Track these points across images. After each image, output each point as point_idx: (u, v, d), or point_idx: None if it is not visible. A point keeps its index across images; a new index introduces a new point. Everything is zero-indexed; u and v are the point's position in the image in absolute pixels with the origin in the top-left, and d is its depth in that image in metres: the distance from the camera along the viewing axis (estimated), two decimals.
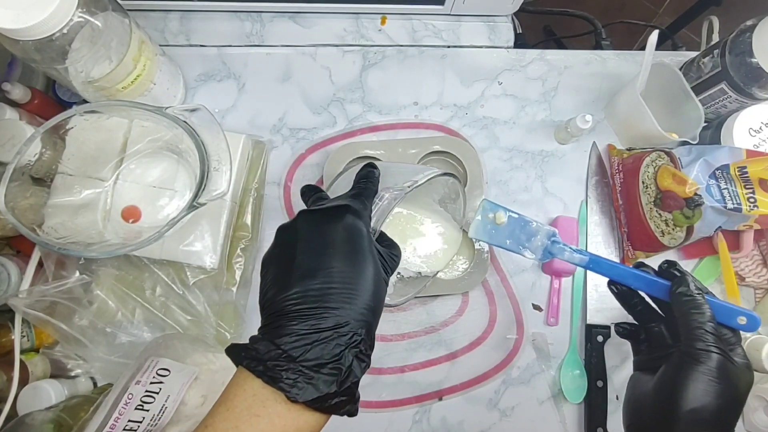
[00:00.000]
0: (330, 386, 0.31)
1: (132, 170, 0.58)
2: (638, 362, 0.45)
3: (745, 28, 0.58)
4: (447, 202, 0.56)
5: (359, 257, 0.35)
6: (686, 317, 0.39)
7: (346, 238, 0.35)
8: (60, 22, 0.45)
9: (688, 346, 0.38)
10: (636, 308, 0.46)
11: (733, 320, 0.39)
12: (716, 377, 0.36)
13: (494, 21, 0.73)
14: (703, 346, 0.37)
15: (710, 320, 0.38)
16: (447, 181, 0.53)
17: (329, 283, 0.33)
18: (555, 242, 0.49)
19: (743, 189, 0.56)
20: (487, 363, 0.63)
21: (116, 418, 0.44)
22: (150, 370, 0.48)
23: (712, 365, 0.36)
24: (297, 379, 0.30)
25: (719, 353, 0.37)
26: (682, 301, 0.40)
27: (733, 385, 0.37)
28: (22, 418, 0.50)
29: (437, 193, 0.56)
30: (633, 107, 0.64)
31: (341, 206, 0.37)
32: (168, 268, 0.59)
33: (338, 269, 0.34)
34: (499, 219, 0.50)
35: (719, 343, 0.37)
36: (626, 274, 0.45)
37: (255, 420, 0.30)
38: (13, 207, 0.47)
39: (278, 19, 0.71)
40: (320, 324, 0.31)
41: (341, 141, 0.67)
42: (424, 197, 0.55)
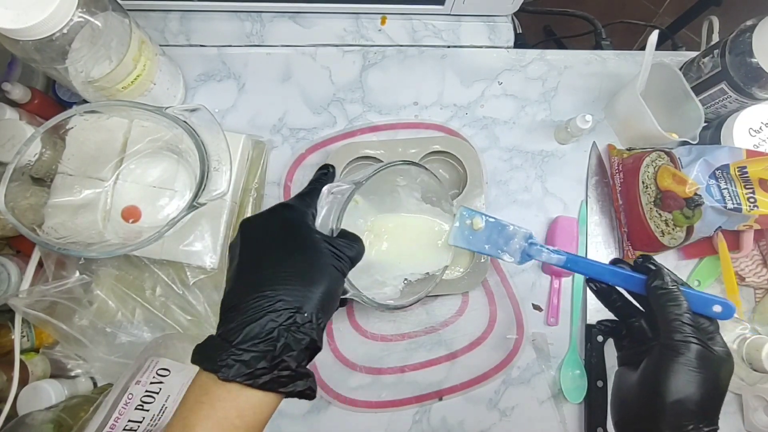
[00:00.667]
0: (259, 362, 0.32)
1: (132, 170, 0.58)
2: (622, 358, 0.46)
3: (745, 28, 0.58)
4: (431, 197, 0.55)
5: (293, 243, 0.37)
6: (663, 310, 0.39)
7: (279, 229, 0.39)
8: (60, 22, 0.45)
9: (667, 338, 0.38)
10: (615, 304, 0.46)
11: (709, 309, 0.40)
12: (696, 367, 0.37)
13: (494, 21, 0.73)
14: (681, 337, 0.37)
15: (687, 311, 0.39)
16: (409, 171, 0.52)
17: (261, 270, 0.36)
18: (532, 244, 0.49)
19: (743, 189, 0.56)
20: (487, 363, 0.63)
21: (116, 418, 0.44)
22: (150, 370, 0.48)
23: (692, 356, 0.37)
24: (227, 360, 0.32)
25: (698, 343, 0.37)
26: (659, 294, 0.40)
27: (714, 373, 0.37)
28: (22, 418, 0.50)
29: (416, 191, 0.55)
30: (633, 107, 0.64)
31: (276, 205, 0.40)
32: (168, 268, 0.59)
33: (270, 257, 0.36)
34: (477, 225, 0.51)
35: (697, 334, 0.38)
36: (603, 270, 0.45)
37: (199, 407, 0.32)
38: (13, 207, 0.47)
39: (278, 19, 0.71)
40: (254, 307, 0.33)
41: (341, 141, 0.67)
42: (407, 199, 0.54)
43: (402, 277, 0.52)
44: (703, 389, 0.36)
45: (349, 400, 0.62)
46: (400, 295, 0.51)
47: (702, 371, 0.37)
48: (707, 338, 0.38)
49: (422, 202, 0.54)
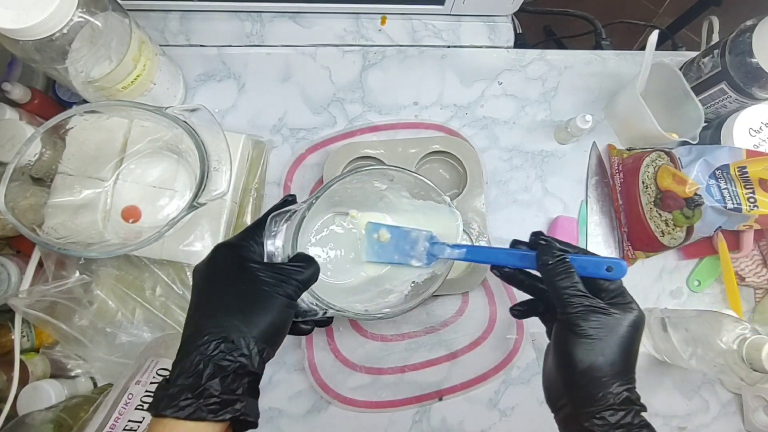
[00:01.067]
0: (184, 393, 0.33)
1: (132, 170, 0.58)
2: (548, 333, 0.45)
3: (745, 28, 0.58)
4: (419, 192, 0.54)
5: (225, 279, 0.38)
6: (553, 285, 0.39)
7: (216, 268, 0.39)
8: (60, 22, 0.45)
9: (561, 313, 0.38)
10: (524, 284, 0.46)
11: (602, 271, 0.40)
12: (595, 336, 0.37)
13: (494, 21, 0.73)
14: (573, 309, 0.38)
15: (575, 282, 0.39)
16: (381, 173, 0.52)
17: (197, 310, 0.38)
18: (434, 243, 0.49)
19: (743, 189, 0.56)
20: (487, 363, 0.63)
21: (116, 418, 0.44)
22: (150, 370, 0.48)
23: (588, 325, 0.37)
24: (160, 396, 0.33)
25: (593, 310, 0.37)
26: (547, 269, 0.40)
27: (616, 334, 0.37)
28: (22, 418, 0.50)
29: (402, 190, 0.54)
30: (633, 107, 0.64)
31: (216, 246, 0.41)
32: (168, 268, 0.59)
33: (205, 297, 0.38)
34: (383, 237, 0.51)
35: (590, 301, 0.38)
36: (500, 254, 0.45)
37: None
38: (13, 207, 0.47)
39: (278, 19, 0.71)
40: (186, 345, 0.35)
41: (341, 141, 0.67)
42: (398, 200, 0.54)
43: (410, 281, 0.52)
44: (608, 352, 0.36)
45: (349, 400, 0.61)
46: (404, 299, 0.51)
47: (602, 337, 0.37)
48: (610, 298, 0.39)
49: (414, 199, 0.54)
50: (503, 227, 0.67)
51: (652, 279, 0.67)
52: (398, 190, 0.53)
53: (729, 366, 0.53)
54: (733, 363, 0.52)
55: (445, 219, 0.51)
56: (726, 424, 0.64)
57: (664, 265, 0.67)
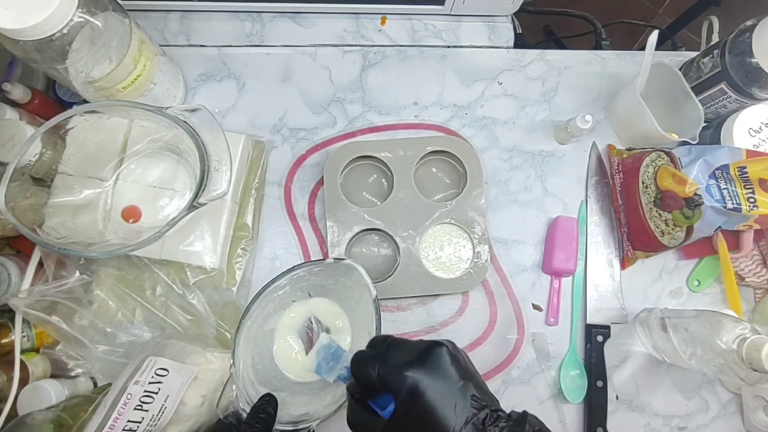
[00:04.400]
0: None
1: (132, 170, 0.58)
2: None
3: (745, 28, 0.58)
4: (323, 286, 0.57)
5: None
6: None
7: None
8: (60, 22, 0.45)
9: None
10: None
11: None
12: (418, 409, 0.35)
13: (494, 21, 0.73)
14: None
15: (350, 389, 0.40)
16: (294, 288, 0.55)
17: None
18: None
19: (743, 189, 0.56)
20: (487, 363, 0.63)
21: (115, 419, 0.44)
22: (148, 369, 0.48)
23: (403, 409, 0.36)
24: None
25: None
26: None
27: (410, 400, 0.35)
28: (22, 418, 0.50)
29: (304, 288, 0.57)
30: (633, 107, 0.64)
31: None
32: (168, 268, 0.59)
33: None
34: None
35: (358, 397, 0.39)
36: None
37: None
38: (14, 207, 0.47)
39: (278, 19, 0.71)
40: None
41: (341, 141, 0.67)
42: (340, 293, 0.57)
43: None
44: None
45: None
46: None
47: (407, 414, 0.35)
48: (394, 376, 0.37)
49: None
50: (503, 227, 0.67)
51: (652, 279, 0.67)
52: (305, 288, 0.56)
53: (729, 366, 0.53)
54: (733, 363, 0.52)
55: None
56: (726, 424, 0.64)
57: (664, 265, 0.67)
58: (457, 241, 0.63)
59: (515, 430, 0.35)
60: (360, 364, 0.39)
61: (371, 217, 0.63)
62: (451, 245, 0.63)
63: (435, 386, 0.35)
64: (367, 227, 0.63)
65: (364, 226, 0.63)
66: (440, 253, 0.63)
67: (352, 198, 0.64)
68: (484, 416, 0.35)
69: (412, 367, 0.36)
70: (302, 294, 0.56)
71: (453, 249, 0.63)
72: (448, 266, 0.63)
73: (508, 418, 0.36)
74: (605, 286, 0.66)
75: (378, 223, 0.63)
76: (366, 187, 0.66)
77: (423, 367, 0.36)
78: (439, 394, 0.35)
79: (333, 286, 0.56)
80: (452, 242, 0.63)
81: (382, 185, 0.66)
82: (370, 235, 0.65)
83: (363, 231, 0.63)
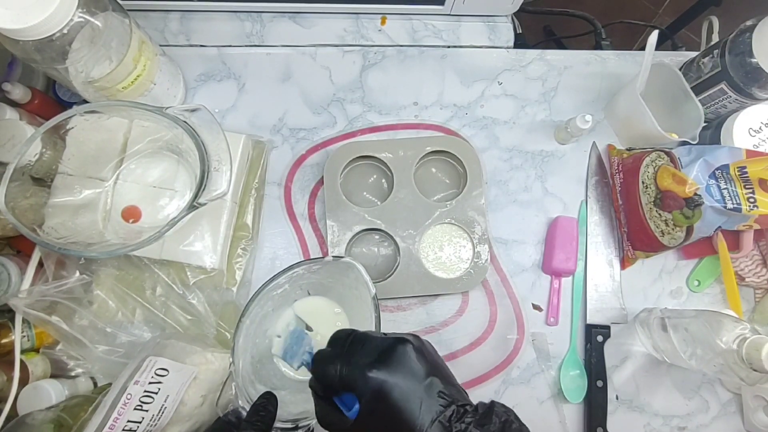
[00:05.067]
0: None
1: (132, 170, 0.58)
2: None
3: (745, 28, 0.58)
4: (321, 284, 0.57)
5: None
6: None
7: None
8: (60, 22, 0.45)
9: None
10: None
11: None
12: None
13: (494, 21, 0.73)
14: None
15: (313, 386, 0.39)
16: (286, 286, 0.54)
17: None
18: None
19: (743, 189, 0.56)
20: (487, 363, 0.63)
21: (115, 419, 0.44)
22: (148, 370, 0.48)
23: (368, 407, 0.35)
24: None
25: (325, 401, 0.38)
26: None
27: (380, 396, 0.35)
28: (22, 418, 0.50)
29: (303, 287, 0.57)
30: (633, 107, 0.64)
31: None
32: (168, 268, 0.59)
33: None
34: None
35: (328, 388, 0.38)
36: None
37: None
38: (14, 207, 0.47)
39: (278, 19, 0.71)
40: None
41: (341, 141, 0.67)
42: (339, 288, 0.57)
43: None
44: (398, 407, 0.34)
45: None
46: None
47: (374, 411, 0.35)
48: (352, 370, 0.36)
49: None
50: (503, 227, 0.67)
51: (652, 279, 0.67)
52: (304, 287, 0.56)
53: (729, 366, 0.53)
54: (733, 363, 0.52)
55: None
56: (726, 424, 0.64)
57: (664, 265, 0.67)
58: (457, 241, 0.63)
59: (482, 422, 0.34)
60: (321, 364, 0.38)
61: (371, 216, 0.63)
62: (451, 245, 0.63)
63: (400, 386, 0.35)
64: (368, 227, 0.63)
65: (364, 225, 0.63)
66: (440, 253, 0.63)
67: (352, 198, 0.64)
68: (450, 413, 0.34)
69: (375, 367, 0.35)
70: (302, 292, 0.56)
71: (453, 249, 0.63)
72: (448, 266, 0.63)
73: (474, 411, 0.35)
74: (605, 286, 0.66)
75: (378, 223, 0.63)
76: (366, 187, 0.66)
77: (386, 367, 0.35)
78: (405, 394, 0.34)
79: (332, 284, 0.56)
80: (452, 242, 0.63)
81: (382, 185, 0.66)
82: (370, 234, 0.65)
83: (363, 231, 0.63)
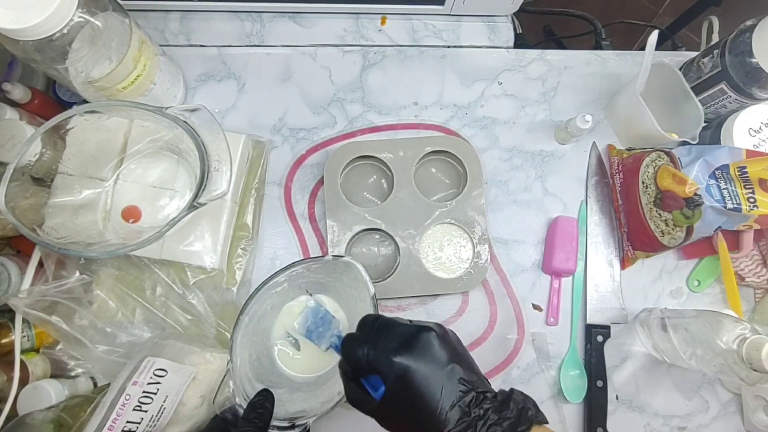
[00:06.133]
0: None
1: (132, 170, 0.58)
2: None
3: (745, 28, 0.58)
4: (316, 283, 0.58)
5: None
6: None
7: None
8: (60, 22, 0.45)
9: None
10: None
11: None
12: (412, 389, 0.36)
13: (494, 21, 0.73)
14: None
15: (342, 366, 0.42)
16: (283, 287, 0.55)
17: None
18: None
19: (743, 189, 0.56)
20: (488, 363, 0.63)
21: (114, 419, 0.44)
22: (147, 370, 0.47)
23: (393, 390, 0.37)
24: None
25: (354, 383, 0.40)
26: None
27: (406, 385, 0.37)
28: (22, 418, 0.50)
29: (302, 286, 0.57)
30: (633, 107, 0.64)
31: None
32: (168, 268, 0.59)
33: None
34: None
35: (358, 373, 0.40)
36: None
37: None
38: (14, 207, 0.47)
39: (278, 19, 0.71)
40: None
41: (341, 141, 0.67)
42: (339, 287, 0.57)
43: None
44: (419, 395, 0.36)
45: None
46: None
47: (402, 394, 0.37)
48: (386, 353, 0.38)
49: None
50: (503, 227, 0.67)
51: (652, 279, 0.67)
52: (304, 285, 0.57)
53: (729, 366, 0.53)
54: (733, 363, 0.52)
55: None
56: (726, 424, 0.64)
57: (664, 265, 0.67)
58: (457, 241, 0.63)
59: (500, 409, 0.36)
60: (350, 347, 0.40)
61: (371, 216, 0.63)
62: (451, 245, 0.63)
63: (423, 372, 0.37)
64: (368, 227, 0.63)
65: (364, 225, 0.63)
66: (440, 253, 0.63)
67: (352, 198, 0.64)
68: (470, 399, 0.36)
69: (399, 353, 0.37)
70: (300, 291, 0.56)
71: (453, 249, 0.63)
72: (448, 266, 0.63)
73: (494, 398, 0.37)
74: (605, 286, 0.66)
75: (378, 223, 0.63)
76: (366, 187, 0.66)
77: (411, 353, 0.37)
78: (427, 379, 0.36)
79: (332, 283, 0.56)
80: (452, 242, 0.63)
81: (382, 185, 0.66)
82: (370, 234, 0.65)
83: (363, 231, 0.63)
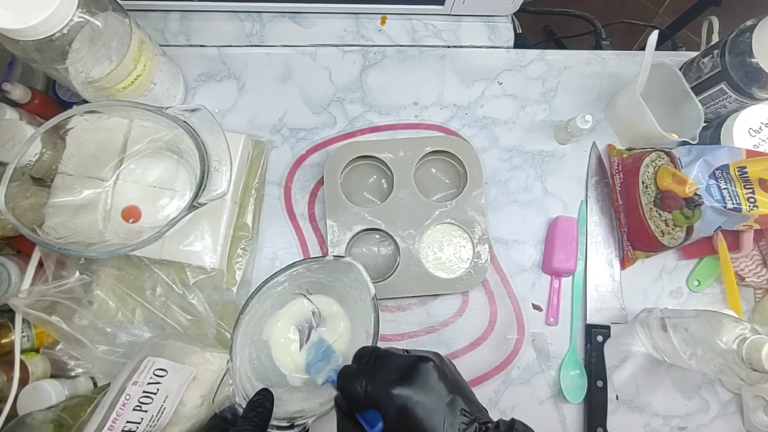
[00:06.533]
0: None
1: (132, 170, 0.58)
2: None
3: (745, 28, 0.58)
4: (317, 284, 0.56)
5: None
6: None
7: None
8: (60, 22, 0.45)
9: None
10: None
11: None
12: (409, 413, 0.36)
13: (494, 21, 0.73)
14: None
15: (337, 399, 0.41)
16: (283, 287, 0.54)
17: None
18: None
19: (743, 189, 0.56)
20: (487, 363, 0.63)
21: (114, 420, 0.44)
22: (147, 370, 0.47)
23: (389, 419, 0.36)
24: None
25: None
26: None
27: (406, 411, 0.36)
28: (22, 418, 0.50)
29: (301, 286, 0.56)
30: (633, 107, 0.64)
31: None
32: (168, 268, 0.59)
33: None
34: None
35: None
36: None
37: None
38: (14, 207, 0.47)
39: (278, 19, 0.71)
40: None
41: (341, 141, 0.67)
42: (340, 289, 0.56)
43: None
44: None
45: None
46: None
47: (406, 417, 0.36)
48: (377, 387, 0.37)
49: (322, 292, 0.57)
50: (503, 227, 0.67)
51: (652, 279, 0.67)
52: (303, 286, 0.56)
53: (729, 366, 0.53)
54: (733, 363, 0.52)
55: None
56: (726, 424, 0.64)
57: (664, 265, 0.67)
58: (457, 241, 0.63)
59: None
60: (346, 380, 0.39)
61: (371, 216, 0.63)
62: (451, 245, 0.63)
63: (423, 403, 0.36)
64: (368, 227, 0.63)
65: (364, 225, 0.63)
66: (440, 253, 0.63)
67: (352, 198, 0.64)
68: (473, 430, 0.35)
69: (399, 385, 0.36)
70: (301, 291, 0.56)
71: (453, 249, 0.63)
72: (448, 266, 0.63)
73: (496, 428, 0.36)
74: (605, 286, 0.66)
75: (378, 223, 0.63)
76: (366, 187, 0.66)
77: (410, 384, 0.36)
78: (428, 411, 0.35)
79: (332, 283, 0.56)
80: (452, 242, 0.63)
81: (382, 185, 0.66)
82: (370, 234, 0.65)
83: (363, 231, 0.63)
